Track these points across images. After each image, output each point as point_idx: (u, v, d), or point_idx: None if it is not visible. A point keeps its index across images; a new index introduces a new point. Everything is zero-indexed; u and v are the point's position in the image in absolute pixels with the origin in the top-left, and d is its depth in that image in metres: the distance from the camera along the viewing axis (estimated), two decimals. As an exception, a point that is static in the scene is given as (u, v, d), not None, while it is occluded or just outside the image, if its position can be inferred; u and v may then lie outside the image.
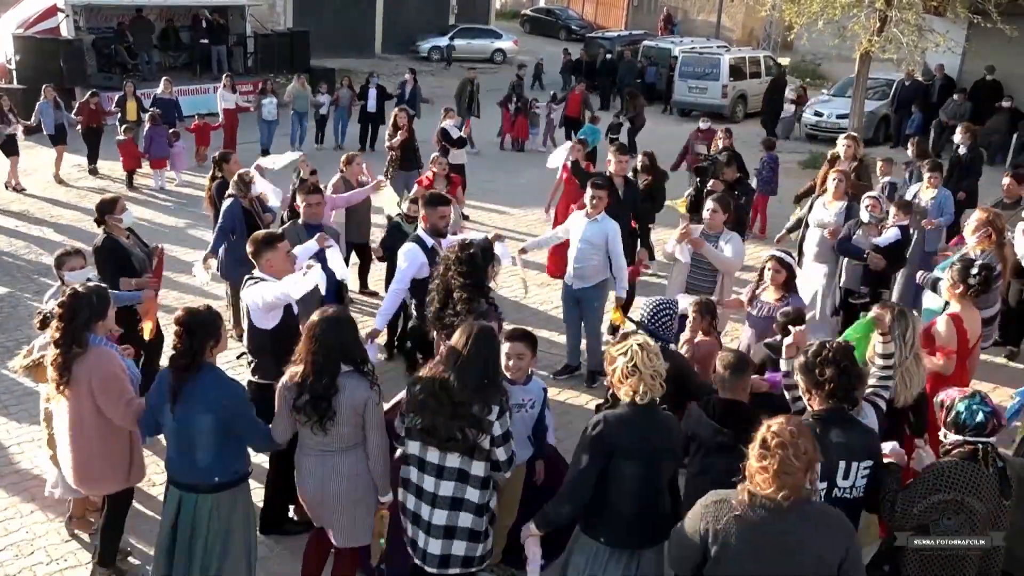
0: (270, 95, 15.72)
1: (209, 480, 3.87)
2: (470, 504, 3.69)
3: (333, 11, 27.28)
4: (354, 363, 3.85)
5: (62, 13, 18.69)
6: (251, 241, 4.91)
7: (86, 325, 4.11)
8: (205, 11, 21.21)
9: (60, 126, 13.42)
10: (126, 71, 19.45)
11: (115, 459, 4.32)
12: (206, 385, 3.81)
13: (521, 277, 7.25)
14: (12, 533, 5.05)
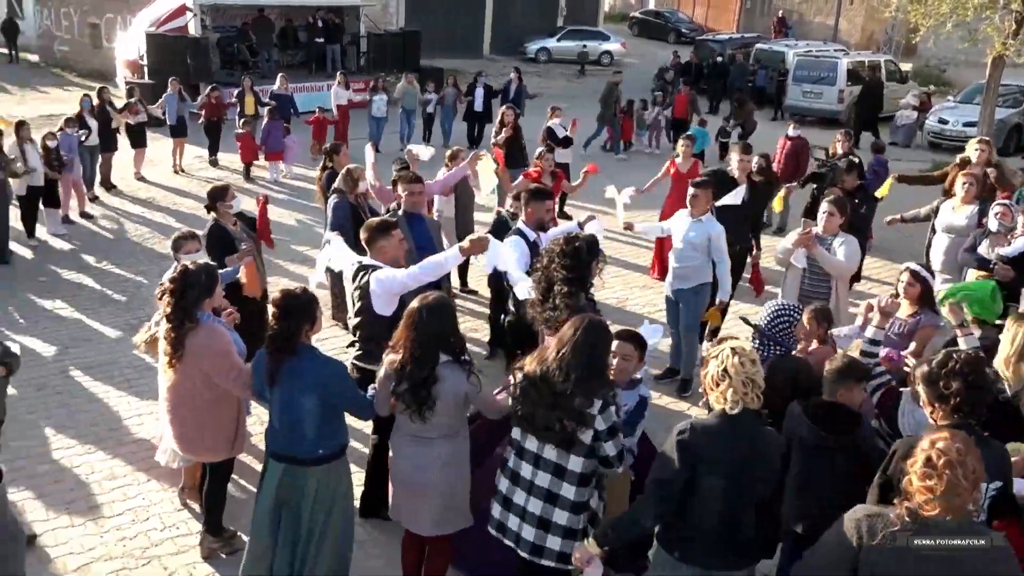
0: (381, 92, 16.14)
1: (313, 453, 3.93)
2: (565, 501, 3.59)
3: (443, 12, 27.75)
4: (452, 352, 3.83)
5: (190, 12, 19.67)
6: (365, 228, 4.98)
7: (196, 302, 4.28)
8: (322, 11, 21.89)
9: (181, 118, 14.08)
10: (247, 68, 20.29)
11: (223, 429, 4.51)
12: (305, 365, 3.87)
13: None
14: (130, 499, 5.31)
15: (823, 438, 3.67)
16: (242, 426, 4.65)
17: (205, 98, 14.43)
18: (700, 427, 3.32)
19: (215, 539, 4.77)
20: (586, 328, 3.60)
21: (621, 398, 4.20)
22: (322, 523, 3.99)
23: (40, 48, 27.83)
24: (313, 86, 20.01)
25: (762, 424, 3.35)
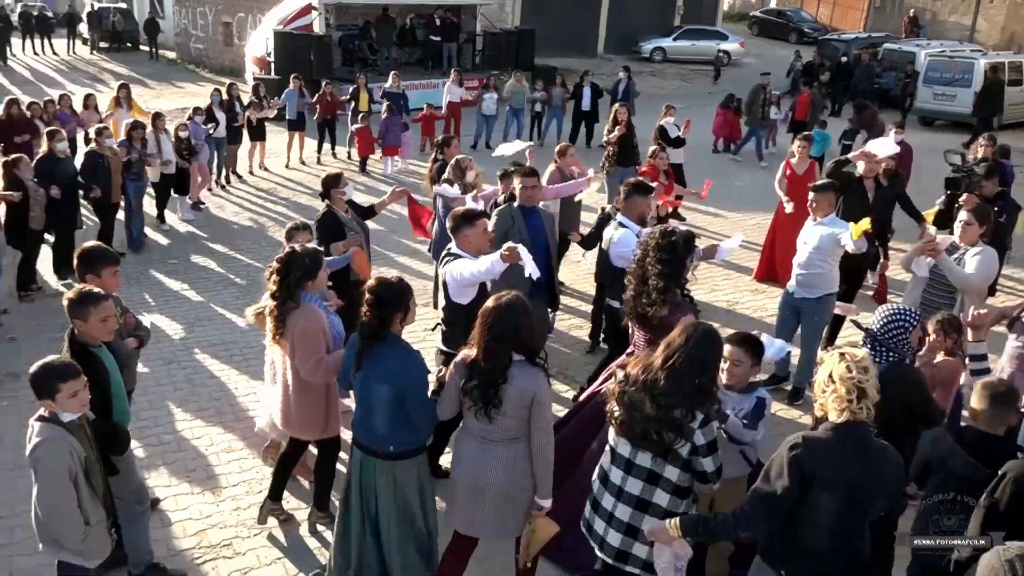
0: (491, 91, 16.28)
1: (384, 448, 3.95)
2: (657, 508, 3.46)
3: (559, 11, 27.75)
4: (527, 353, 3.74)
5: (316, 11, 20.40)
6: (451, 216, 5.07)
7: (299, 282, 4.42)
8: (441, 10, 22.29)
9: (300, 114, 14.57)
10: (366, 65, 20.88)
11: (312, 409, 4.60)
12: (387, 356, 3.88)
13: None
14: (245, 472, 5.55)
15: (978, 469, 3.36)
16: (333, 408, 4.68)
17: (320, 94, 14.90)
18: (812, 441, 3.14)
19: (321, 514, 4.93)
20: (698, 340, 3.43)
21: (736, 402, 4.08)
22: (395, 519, 4.03)
23: (177, 45, 29.49)
24: (428, 83, 20.40)
25: (875, 437, 3.15)
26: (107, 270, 4.47)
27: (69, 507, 3.45)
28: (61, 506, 3.44)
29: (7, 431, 5.89)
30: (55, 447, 3.40)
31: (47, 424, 3.44)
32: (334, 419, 4.71)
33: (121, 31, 31.11)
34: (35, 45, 30.90)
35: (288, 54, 19.62)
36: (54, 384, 3.40)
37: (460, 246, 4.94)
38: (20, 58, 29.10)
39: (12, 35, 29.66)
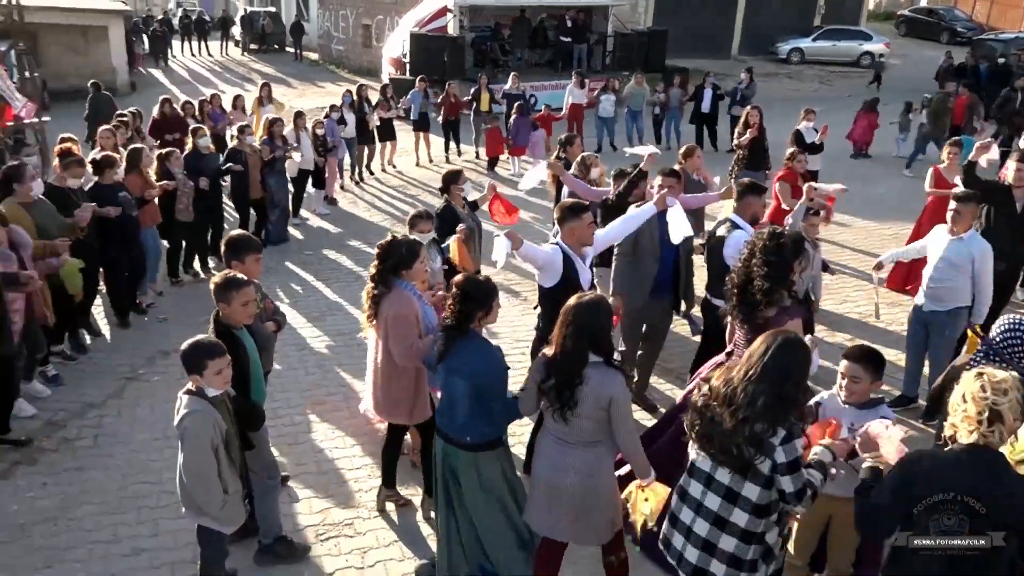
0: (609, 93, 16.09)
1: (462, 439, 4.04)
2: (735, 528, 3.31)
3: (692, 11, 27.30)
4: (604, 355, 3.69)
5: (451, 13, 20.91)
6: (559, 208, 5.18)
7: (394, 270, 4.62)
8: (573, 11, 22.35)
9: (424, 114, 14.93)
10: (497, 66, 21.21)
11: (401, 394, 4.76)
12: (468, 350, 3.96)
13: (875, 300, 6.73)
14: (368, 455, 5.78)
15: None
16: (422, 394, 4.78)
17: (444, 95, 15.19)
18: (929, 458, 2.98)
19: (431, 499, 5.02)
20: (778, 349, 3.23)
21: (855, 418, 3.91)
22: (481, 508, 4.09)
23: (320, 47, 30.90)
24: (557, 84, 20.49)
25: (1009, 465, 2.92)
26: (250, 257, 4.77)
27: (210, 476, 3.72)
28: (204, 474, 3.71)
29: (157, 404, 6.37)
30: (201, 419, 3.67)
31: (194, 397, 3.73)
32: (421, 405, 4.82)
33: (269, 33, 32.96)
34: (192, 47, 33.14)
35: (423, 55, 20.19)
36: (202, 361, 3.67)
37: (565, 237, 5.02)
38: (179, 59, 31.29)
39: (173, 38, 31.94)
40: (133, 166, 7.74)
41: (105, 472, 5.52)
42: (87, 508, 5.12)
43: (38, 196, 6.38)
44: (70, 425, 6.07)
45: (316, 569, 4.65)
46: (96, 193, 7.11)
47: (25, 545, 4.74)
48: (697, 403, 3.40)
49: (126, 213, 7.26)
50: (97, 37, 23.53)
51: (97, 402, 6.43)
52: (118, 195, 7.20)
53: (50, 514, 5.04)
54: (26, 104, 9.36)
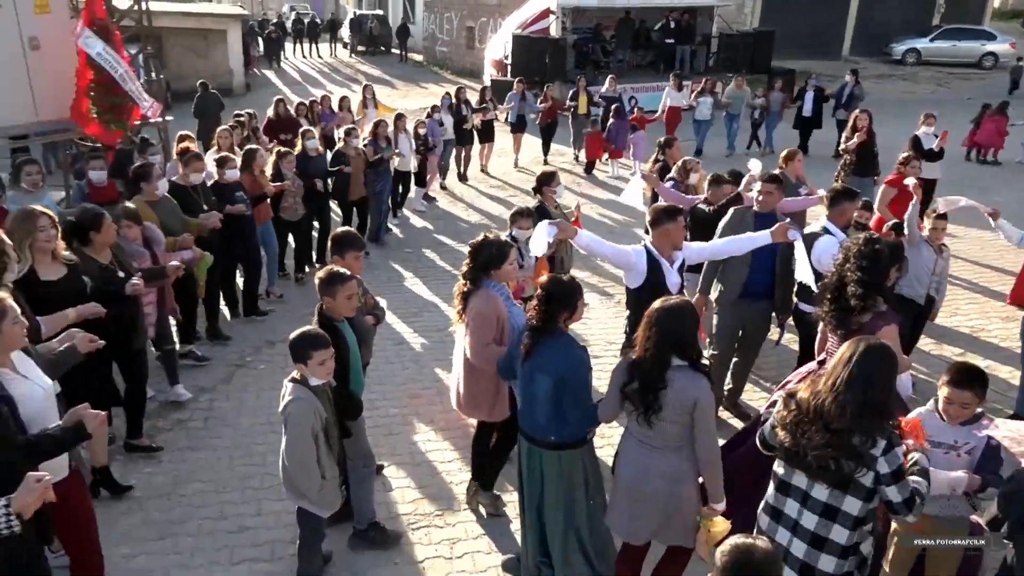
0: (707, 95, 15.76)
1: (547, 438, 4.06)
2: (834, 545, 3.21)
3: (802, 11, 26.51)
4: (689, 358, 3.66)
5: (553, 15, 20.99)
6: (652, 210, 5.21)
7: (484, 268, 4.75)
8: (677, 12, 22.09)
9: (521, 117, 15.02)
10: (598, 68, 21.16)
11: (482, 391, 4.85)
12: (553, 349, 3.99)
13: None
14: (459, 449, 5.92)
15: None
16: (503, 392, 4.85)
17: (542, 98, 15.22)
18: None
19: (484, 491, 5.18)
20: (861, 357, 3.13)
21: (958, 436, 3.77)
22: (564, 507, 4.09)
23: (424, 49, 31.57)
24: (659, 86, 20.27)
25: None
26: (351, 253, 4.96)
27: (310, 461, 3.90)
28: (304, 460, 3.89)
29: (262, 391, 6.69)
30: (304, 407, 3.86)
31: (298, 386, 3.92)
32: (501, 404, 4.88)
33: (376, 36, 33.87)
34: (303, 49, 34.40)
35: (524, 56, 20.35)
36: (307, 352, 3.86)
37: (657, 239, 5.03)
38: (290, 60, 32.54)
39: (285, 40, 33.24)
40: (247, 166, 8.10)
41: (214, 453, 5.84)
42: (197, 486, 5.44)
43: (163, 194, 6.71)
44: (183, 407, 6.44)
45: (407, 556, 4.80)
46: (216, 192, 7.48)
47: (142, 518, 5.08)
48: (785, 419, 3.29)
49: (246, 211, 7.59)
50: (216, 40, 24.73)
51: (208, 387, 6.81)
52: (235, 194, 7.55)
53: (164, 490, 5.38)
54: (152, 104, 9.94)
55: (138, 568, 4.62)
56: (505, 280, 4.88)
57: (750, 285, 5.92)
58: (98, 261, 5.14)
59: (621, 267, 5.05)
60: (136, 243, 5.90)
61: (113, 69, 9.01)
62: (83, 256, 5.03)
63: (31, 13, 9.13)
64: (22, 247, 4.55)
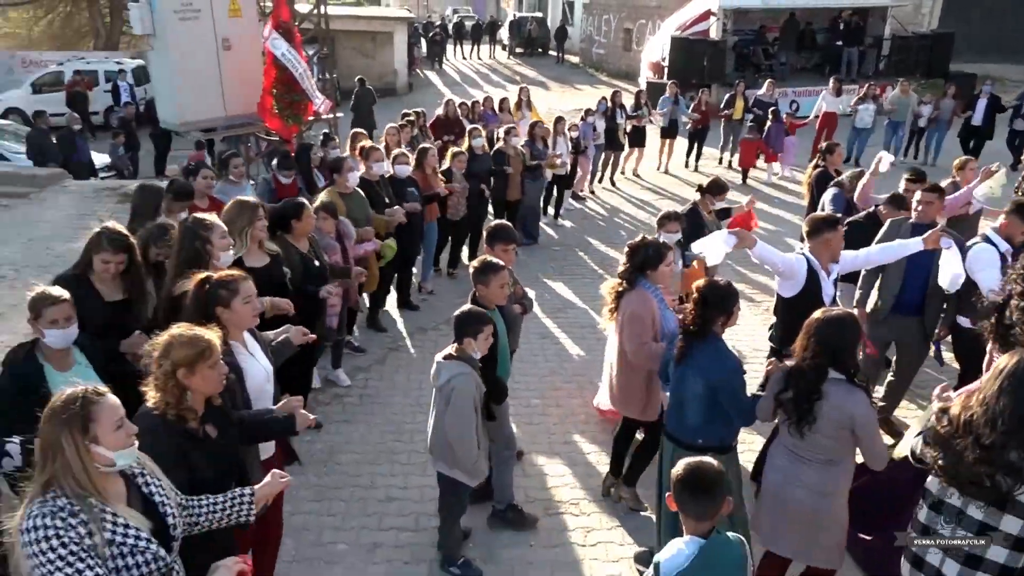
0: (868, 102, 14.93)
1: (694, 441, 4.05)
2: (992, 565, 3.04)
3: (987, 11, 24.69)
4: (847, 372, 3.57)
5: (714, 16, 20.64)
6: (811, 219, 5.06)
7: (640, 268, 4.81)
8: (847, 12, 21.17)
9: (674, 121, 14.81)
10: (758, 71, 20.62)
11: (635, 389, 4.91)
12: (706, 352, 3.99)
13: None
14: (598, 443, 6.03)
15: None
16: (655, 392, 4.90)
17: (696, 102, 14.94)
18: None
19: (626, 487, 5.24)
20: (1014, 369, 2.96)
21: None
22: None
23: (581, 51, 31.79)
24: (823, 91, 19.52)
25: None
26: (501, 245, 5.17)
27: (471, 430, 4.15)
28: (466, 429, 4.14)
29: (413, 374, 7.06)
30: (468, 380, 4.13)
31: (458, 362, 4.18)
32: (654, 404, 4.95)
33: (535, 37, 34.43)
34: (463, 50, 35.46)
35: (682, 59, 20.15)
36: (479, 326, 4.17)
37: (816, 248, 4.91)
38: (451, 61, 33.64)
39: (447, 42, 34.41)
40: (420, 163, 8.39)
41: (367, 427, 6.24)
42: (351, 456, 5.84)
43: (354, 188, 7.09)
44: (343, 383, 6.90)
45: (541, 539, 4.96)
46: (391, 186, 7.87)
47: (302, 481, 5.50)
48: (940, 434, 3.17)
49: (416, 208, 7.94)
50: (383, 42, 25.98)
51: (364, 367, 7.25)
52: (408, 190, 7.90)
53: (321, 457, 5.81)
54: (324, 101, 10.65)
55: (297, 525, 5.03)
56: (661, 282, 4.91)
57: (903, 299, 5.69)
58: (299, 250, 5.53)
59: (785, 277, 4.95)
60: (330, 236, 6.23)
61: (294, 68, 9.75)
62: (285, 245, 5.40)
63: (225, 16, 10.00)
64: (242, 235, 4.92)
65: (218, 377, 3.14)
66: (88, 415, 2.47)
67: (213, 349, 3.09)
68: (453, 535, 4.62)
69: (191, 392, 3.07)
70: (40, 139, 13.15)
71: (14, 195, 11.64)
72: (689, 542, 2.91)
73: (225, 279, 3.71)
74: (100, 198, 11.53)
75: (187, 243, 4.39)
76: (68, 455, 2.43)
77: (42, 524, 2.37)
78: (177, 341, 3.06)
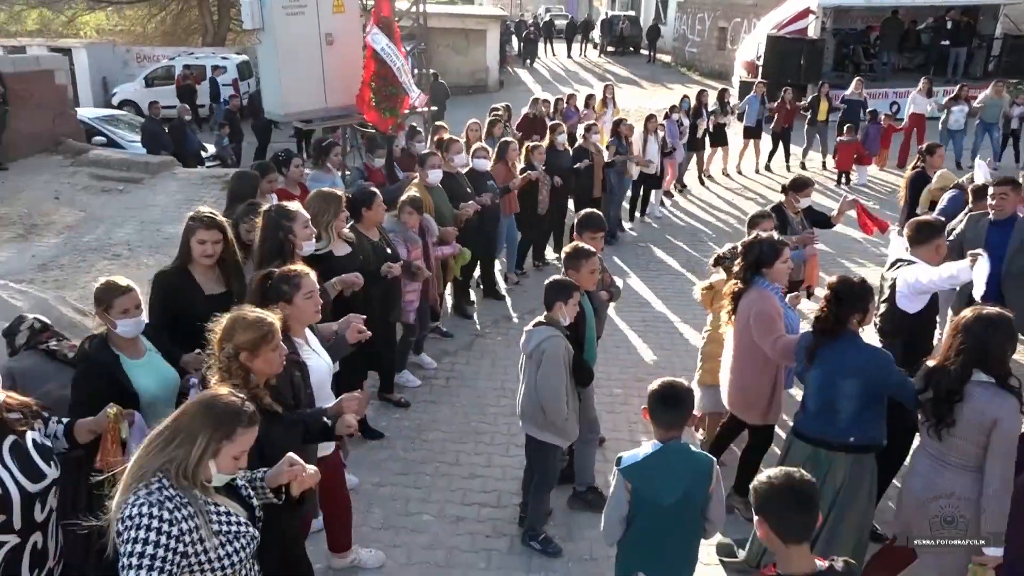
0: (962, 103, 14.32)
1: (844, 439, 3.93)
2: None
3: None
4: (996, 375, 3.43)
5: (813, 15, 20.16)
6: (919, 224, 4.89)
7: (755, 266, 4.67)
8: (955, 11, 20.37)
9: (759, 121, 14.52)
10: (858, 70, 20.05)
11: (757, 392, 4.75)
12: (847, 350, 3.86)
13: None
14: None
15: None
16: (778, 395, 4.78)
17: (779, 102, 14.64)
18: None
19: (739, 497, 5.08)
20: None
21: None
22: (843, 508, 3.99)
23: (673, 50, 31.51)
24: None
25: None
26: (590, 233, 5.27)
27: (562, 389, 4.30)
28: (558, 387, 4.29)
29: (497, 360, 7.24)
30: (558, 342, 4.29)
31: (548, 327, 4.35)
32: (776, 407, 4.81)
33: (627, 36, 34.30)
34: (554, 48, 35.62)
35: (778, 58, 19.77)
36: (571, 293, 4.34)
37: (923, 255, 4.75)
38: (542, 60, 33.83)
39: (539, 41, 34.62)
40: (500, 157, 8.57)
41: (452, 408, 6.44)
42: (437, 434, 6.05)
43: (435, 182, 7.25)
44: (428, 367, 7.13)
45: (621, 523, 5.05)
46: (470, 180, 8.06)
47: (390, 454, 5.75)
48: None
49: (493, 201, 8.08)
50: (477, 40, 26.37)
51: (451, 351, 7.47)
52: (487, 183, 8.09)
53: (409, 434, 6.04)
54: (419, 95, 10.95)
55: (385, 495, 5.26)
56: (778, 280, 4.73)
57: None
58: (370, 239, 5.64)
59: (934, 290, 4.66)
60: (413, 231, 6.38)
61: (392, 63, 10.07)
62: (356, 233, 5.51)
63: (330, 12, 10.39)
64: (328, 229, 5.07)
65: (279, 360, 3.19)
66: (232, 433, 2.53)
67: (275, 332, 3.13)
68: (540, 509, 4.75)
69: (253, 374, 3.11)
70: (154, 129, 13.96)
71: (129, 180, 12.40)
72: (653, 444, 3.40)
73: (288, 274, 3.73)
74: (206, 184, 12.18)
75: (271, 232, 4.42)
76: (195, 451, 2.47)
77: (147, 512, 2.38)
78: (240, 324, 3.08)
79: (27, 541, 2.81)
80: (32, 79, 13.22)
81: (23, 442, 2.86)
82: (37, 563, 2.87)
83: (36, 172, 12.59)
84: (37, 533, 2.85)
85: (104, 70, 24.50)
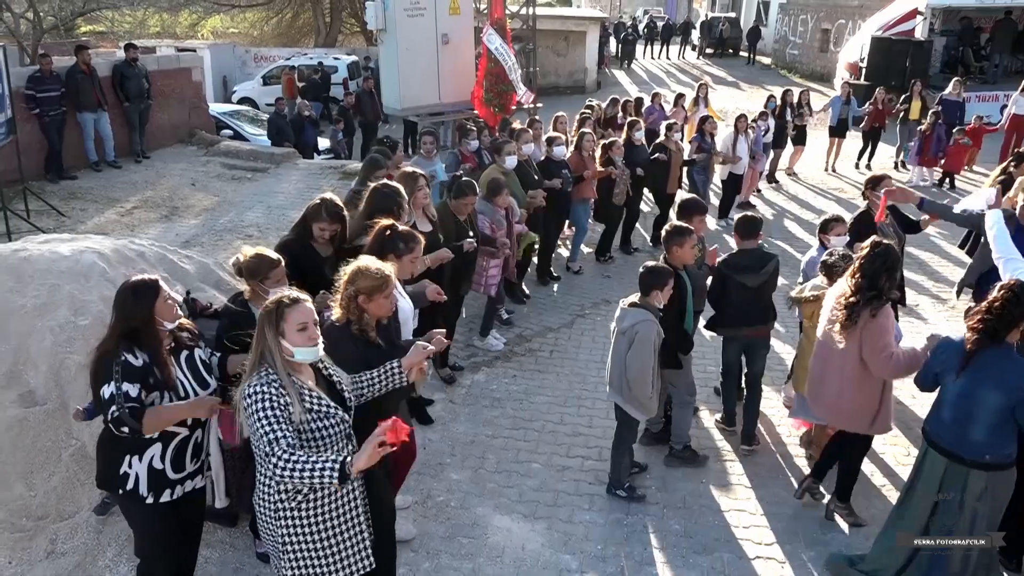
0: None
1: (979, 458, 3.81)
2: None
3: None
4: None
5: (921, 16, 19.85)
6: None
7: (877, 276, 4.40)
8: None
9: (843, 121, 14.52)
10: (968, 72, 19.63)
11: (865, 404, 4.62)
12: (1001, 363, 3.71)
13: None
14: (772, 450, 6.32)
15: None
16: (886, 406, 4.66)
17: (872, 102, 14.59)
18: None
19: (841, 504, 5.04)
20: None
21: None
22: (980, 523, 3.93)
23: (774, 51, 31.26)
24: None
25: None
26: (698, 216, 5.78)
27: (649, 369, 4.80)
28: (645, 367, 4.79)
29: (597, 337, 7.78)
30: (650, 326, 4.79)
31: (642, 310, 4.84)
32: (884, 417, 4.68)
33: (726, 38, 34.16)
34: (653, 50, 35.76)
35: (882, 59, 19.54)
36: (664, 280, 4.83)
37: None
38: (640, 61, 34.06)
39: (638, 42, 34.85)
40: (577, 147, 9.10)
41: (556, 376, 7.02)
42: (542, 398, 6.63)
43: (510, 168, 7.79)
44: (534, 340, 7.73)
45: (713, 478, 5.53)
46: (544, 167, 8.60)
47: (502, 412, 6.37)
48: None
49: (563, 187, 8.58)
50: (576, 41, 26.89)
51: (554, 327, 8.05)
52: (561, 171, 8.59)
53: (517, 396, 6.65)
54: (526, 92, 11.58)
55: (498, 446, 5.88)
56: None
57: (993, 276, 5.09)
58: (457, 219, 6.31)
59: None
60: (500, 212, 7.03)
61: (504, 61, 10.73)
62: (446, 211, 6.22)
63: (447, 14, 11.14)
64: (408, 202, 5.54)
65: (389, 305, 3.74)
66: (281, 315, 3.15)
67: (390, 282, 3.67)
68: (622, 462, 5.27)
69: (367, 313, 3.67)
70: (279, 123, 15.06)
71: (256, 169, 13.48)
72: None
73: (407, 234, 4.39)
74: (324, 174, 13.14)
75: (378, 203, 5.09)
76: (269, 341, 3.13)
77: (261, 390, 3.06)
78: (362, 272, 3.62)
79: (192, 435, 3.64)
80: (173, 76, 14.49)
81: (193, 357, 3.65)
82: (196, 453, 3.69)
83: (174, 161, 13.80)
84: (199, 430, 3.68)
85: (224, 69, 26.12)
